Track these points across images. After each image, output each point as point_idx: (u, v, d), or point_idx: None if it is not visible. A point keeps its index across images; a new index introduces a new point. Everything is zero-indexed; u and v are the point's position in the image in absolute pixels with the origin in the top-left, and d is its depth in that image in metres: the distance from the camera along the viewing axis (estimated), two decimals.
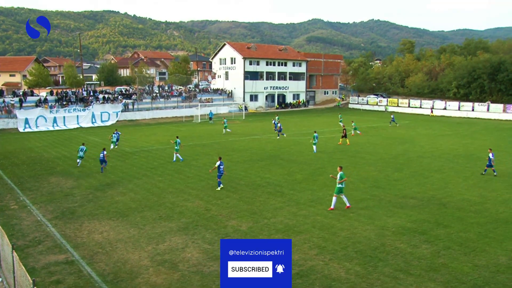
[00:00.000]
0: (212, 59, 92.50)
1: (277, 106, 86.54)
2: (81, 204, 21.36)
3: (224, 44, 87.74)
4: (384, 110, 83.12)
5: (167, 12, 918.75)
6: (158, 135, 47.41)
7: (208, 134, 47.65)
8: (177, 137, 32.94)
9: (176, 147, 31.84)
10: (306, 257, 14.90)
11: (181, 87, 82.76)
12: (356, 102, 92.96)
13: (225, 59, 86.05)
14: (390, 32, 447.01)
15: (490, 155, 27.64)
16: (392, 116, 58.83)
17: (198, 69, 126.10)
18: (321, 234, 17.03)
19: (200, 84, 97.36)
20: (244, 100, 79.70)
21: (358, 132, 47.17)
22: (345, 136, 40.81)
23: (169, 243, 16.30)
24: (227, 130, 48.55)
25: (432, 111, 78.02)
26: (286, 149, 37.50)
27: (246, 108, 76.44)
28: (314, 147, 35.94)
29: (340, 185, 19.85)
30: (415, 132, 50.18)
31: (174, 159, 31.88)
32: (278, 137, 44.13)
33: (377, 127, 55.53)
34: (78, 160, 30.61)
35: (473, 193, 23.19)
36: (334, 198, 20.04)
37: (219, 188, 23.68)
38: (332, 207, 19.95)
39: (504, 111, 69.61)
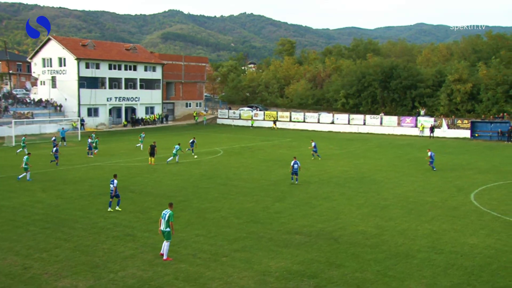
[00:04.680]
0: (31, 58, 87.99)
1: (125, 122, 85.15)
2: None
3: (49, 39, 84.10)
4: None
5: None
6: None
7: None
8: (29, 154, 37.44)
9: (24, 166, 35.56)
10: None
11: None
12: (226, 117, 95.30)
13: (50, 59, 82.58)
14: (266, 29, 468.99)
15: (292, 162, 34.64)
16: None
17: (11, 71, 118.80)
18: (187, 287, 16.90)
19: (15, 92, 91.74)
20: (79, 115, 76.90)
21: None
22: (152, 154, 43.99)
23: None
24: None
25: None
26: (138, 178, 36.89)
27: (83, 126, 73.85)
28: (177, 157, 43.91)
29: (165, 228, 19.81)
30: (298, 152, 52.66)
31: (24, 176, 35.65)
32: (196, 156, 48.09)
33: (252, 147, 57.42)
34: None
35: (368, 223, 24.98)
36: (165, 244, 19.94)
37: (109, 209, 26.93)
38: (162, 252, 19.86)
39: (399, 124, 76.88)
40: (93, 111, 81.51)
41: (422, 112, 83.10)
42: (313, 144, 47.80)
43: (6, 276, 18.06)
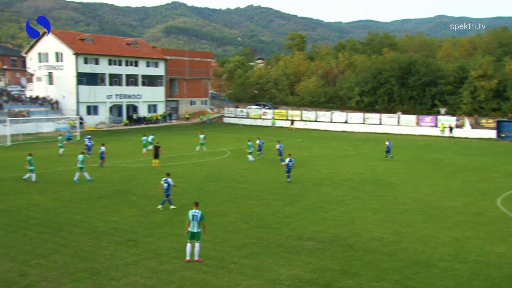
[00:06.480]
0: (26, 53, 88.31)
1: (127, 121, 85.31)
2: None
3: (45, 33, 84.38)
4: (272, 125, 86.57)
5: None
6: None
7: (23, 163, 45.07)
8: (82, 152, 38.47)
9: (80, 165, 36.35)
10: None
11: None
12: (233, 115, 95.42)
13: (47, 54, 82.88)
14: (275, 22, 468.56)
15: (287, 160, 36.90)
16: (201, 136, 54.19)
17: (5, 67, 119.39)
18: None
19: (10, 89, 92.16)
20: (78, 114, 77.13)
21: None
22: (156, 156, 43.20)
23: None
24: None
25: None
26: (141, 180, 36.92)
27: (82, 125, 74.06)
28: (250, 156, 46.45)
29: (197, 229, 20.02)
30: (309, 153, 52.74)
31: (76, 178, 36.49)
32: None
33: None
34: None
35: (385, 229, 24.90)
36: (188, 246, 20.09)
37: (160, 207, 28.51)
38: (188, 258, 19.97)
39: (418, 124, 76.58)
40: (92, 109, 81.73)
41: (442, 111, 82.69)
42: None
43: (2, 284, 18.09)
